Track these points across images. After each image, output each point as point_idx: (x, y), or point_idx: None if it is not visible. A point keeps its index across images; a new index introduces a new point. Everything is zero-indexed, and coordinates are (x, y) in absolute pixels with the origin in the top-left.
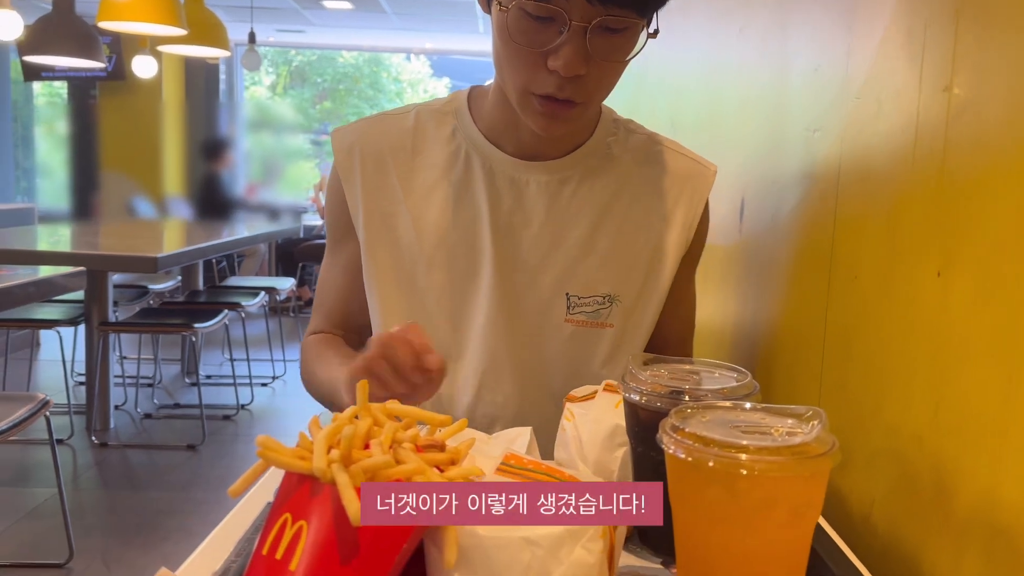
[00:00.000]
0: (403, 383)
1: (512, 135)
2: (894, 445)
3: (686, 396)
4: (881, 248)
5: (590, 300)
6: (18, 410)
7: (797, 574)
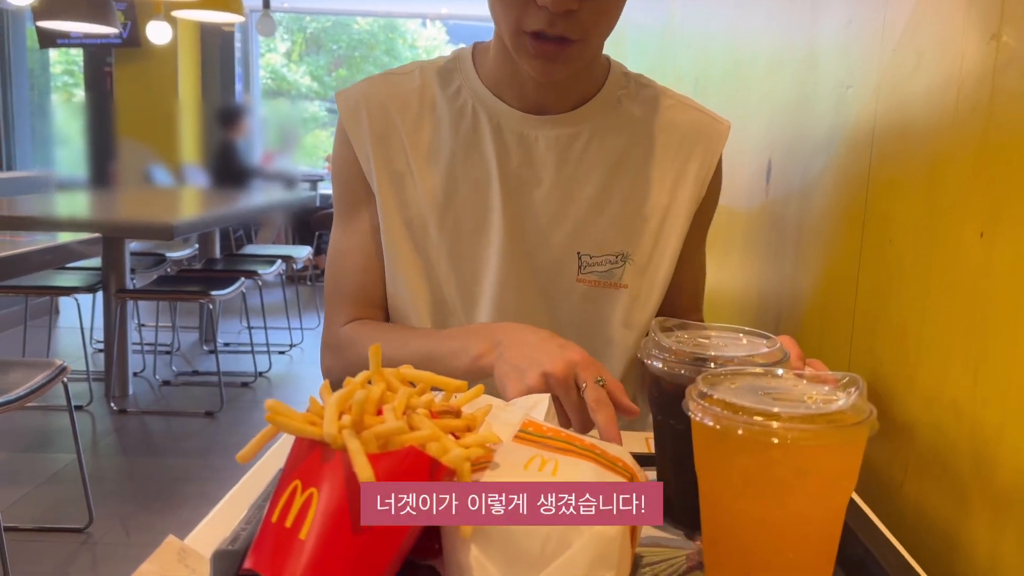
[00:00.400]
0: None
1: (516, 87)
2: (929, 414)
3: (711, 364)
4: (919, 209)
5: (602, 259)
6: (36, 376)
7: (829, 547)
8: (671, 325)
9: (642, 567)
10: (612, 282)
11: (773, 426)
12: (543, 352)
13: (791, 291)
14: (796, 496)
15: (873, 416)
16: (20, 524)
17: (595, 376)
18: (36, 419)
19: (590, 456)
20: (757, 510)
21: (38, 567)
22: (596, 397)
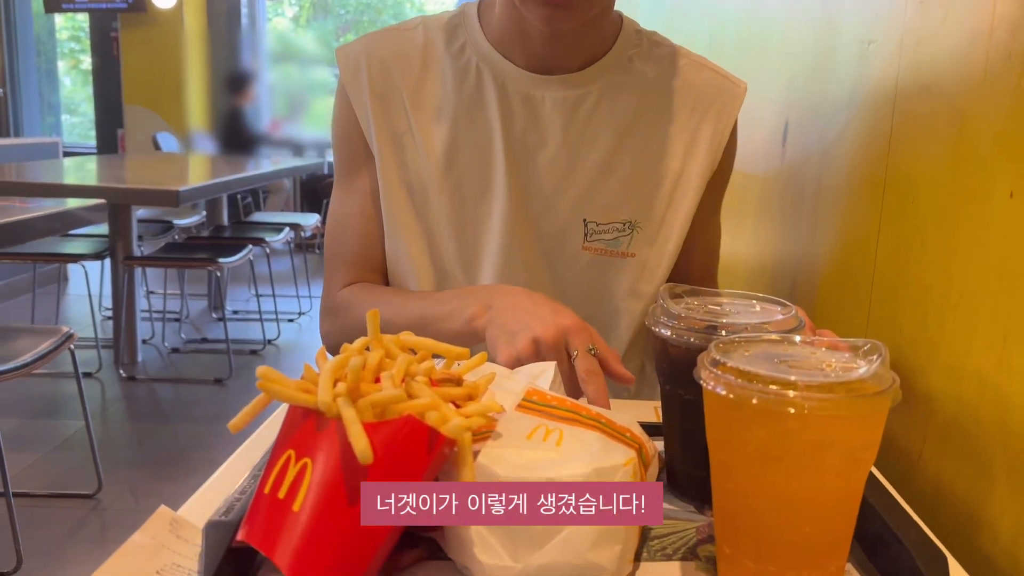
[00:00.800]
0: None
1: (522, 44)
2: (951, 383)
3: (722, 331)
4: (945, 169)
5: (609, 227)
6: (42, 343)
7: (847, 522)
8: (681, 291)
9: (650, 540)
10: (619, 251)
11: (789, 395)
12: (535, 317)
13: (807, 257)
14: (814, 469)
15: (896, 385)
16: (30, 490)
17: (586, 343)
18: (45, 386)
19: (596, 426)
20: (772, 483)
21: (48, 532)
22: (587, 367)
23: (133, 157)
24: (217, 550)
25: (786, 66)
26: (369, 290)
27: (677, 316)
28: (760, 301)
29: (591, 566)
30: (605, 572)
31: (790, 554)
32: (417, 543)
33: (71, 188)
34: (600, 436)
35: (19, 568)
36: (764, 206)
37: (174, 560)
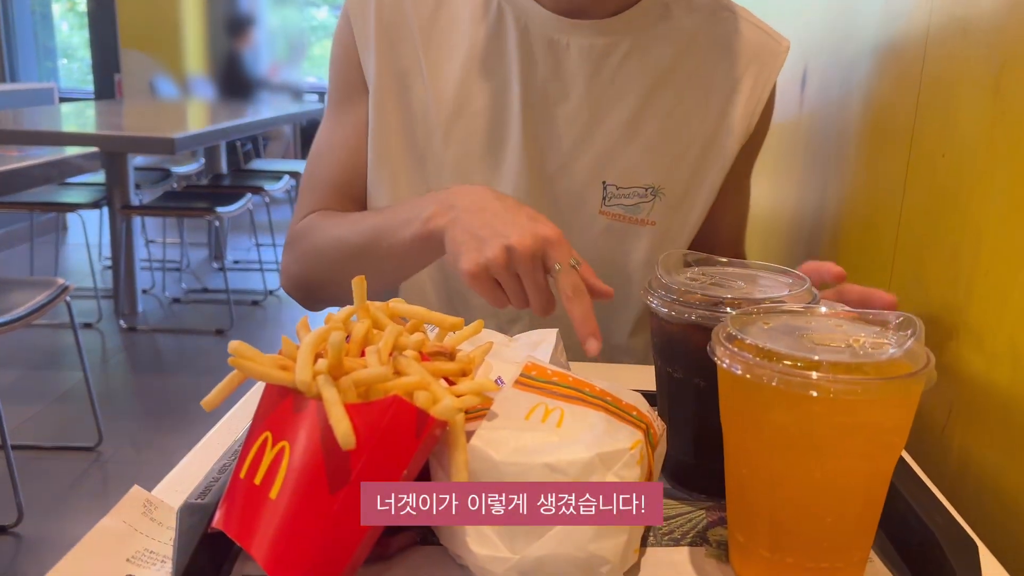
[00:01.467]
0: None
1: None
2: (980, 351)
3: (726, 308)
4: (981, 117)
5: (630, 191)
6: (38, 296)
7: (873, 511)
8: (683, 259)
9: None
10: (638, 218)
11: (813, 377)
12: (510, 223)
13: (826, 212)
14: (839, 455)
15: (931, 365)
16: (30, 442)
17: (569, 257)
18: (45, 337)
19: (601, 405)
20: (792, 470)
21: (49, 485)
22: (573, 283)
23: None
24: (192, 535)
25: (804, 6)
26: (327, 215)
27: (674, 289)
28: (771, 272)
29: (593, 558)
30: (608, 565)
31: (810, 544)
32: (407, 527)
33: (66, 136)
34: (604, 416)
35: (20, 521)
36: (781, 158)
37: (147, 546)
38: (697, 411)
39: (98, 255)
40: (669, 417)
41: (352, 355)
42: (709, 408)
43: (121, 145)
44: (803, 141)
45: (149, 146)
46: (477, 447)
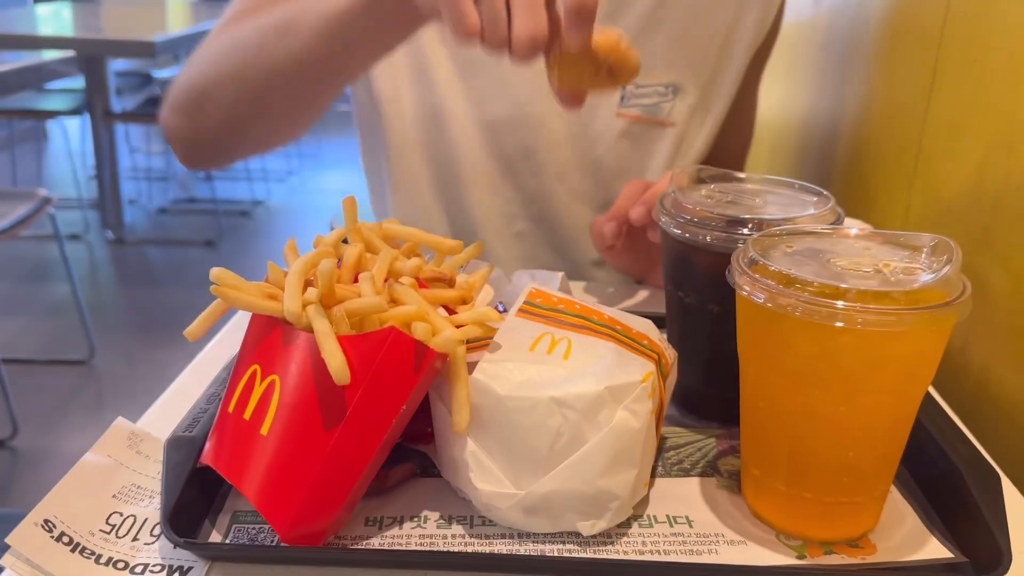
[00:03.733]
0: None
1: None
2: (1006, 272)
3: (744, 229)
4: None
5: (649, 90)
6: (19, 209)
7: (898, 444)
8: (697, 175)
9: (666, 451)
10: (659, 119)
11: (839, 307)
12: None
13: (842, 122)
14: (865, 389)
15: (967, 294)
16: (21, 356)
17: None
18: (32, 249)
19: (610, 334)
20: (815, 404)
21: (41, 399)
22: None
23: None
24: (180, 470)
25: None
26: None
27: (689, 208)
28: (792, 189)
29: (602, 493)
30: (617, 500)
31: (830, 479)
32: (407, 457)
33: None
34: (614, 347)
35: (16, 435)
36: (794, 63)
37: (133, 480)
38: (711, 338)
39: (81, 164)
40: (680, 344)
41: (344, 282)
42: (724, 335)
43: (98, 48)
44: (820, 43)
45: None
46: (480, 380)
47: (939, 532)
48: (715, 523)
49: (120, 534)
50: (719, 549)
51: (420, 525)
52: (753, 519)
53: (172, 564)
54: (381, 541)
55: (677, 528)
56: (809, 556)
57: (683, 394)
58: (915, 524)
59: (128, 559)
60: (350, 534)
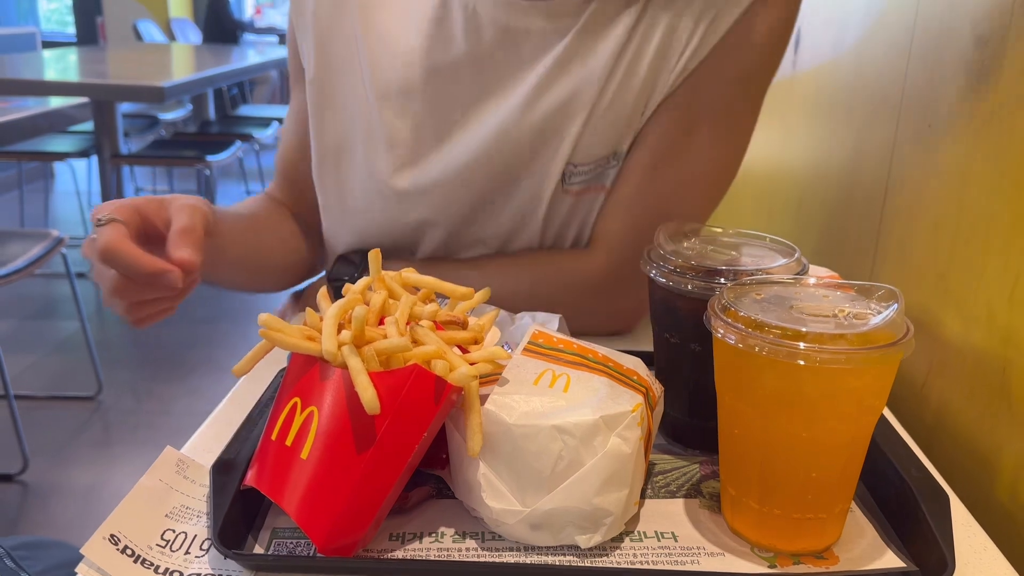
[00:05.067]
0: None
1: None
2: (959, 315)
3: (722, 278)
4: (964, 94)
5: (591, 166)
6: (33, 248)
7: (855, 466)
8: (680, 230)
9: (654, 476)
10: (604, 184)
11: (800, 347)
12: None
13: (814, 176)
14: (824, 417)
15: (910, 336)
16: (30, 392)
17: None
18: (40, 287)
19: (603, 370)
20: (781, 430)
21: (51, 434)
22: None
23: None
24: (225, 492)
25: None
26: (241, 205)
27: (673, 260)
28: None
29: (598, 511)
30: (611, 516)
31: (796, 497)
32: (425, 481)
33: (53, 85)
34: (607, 381)
35: (26, 469)
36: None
37: (183, 503)
38: (693, 374)
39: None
40: (666, 379)
41: (370, 324)
42: (704, 371)
43: (110, 94)
44: (794, 103)
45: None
46: (491, 411)
47: (895, 545)
48: (697, 537)
49: (174, 548)
50: (700, 560)
51: (438, 540)
52: (731, 534)
53: (221, 574)
54: (404, 554)
55: (664, 542)
56: (780, 566)
57: (669, 424)
58: (874, 538)
59: (183, 569)
60: (377, 548)
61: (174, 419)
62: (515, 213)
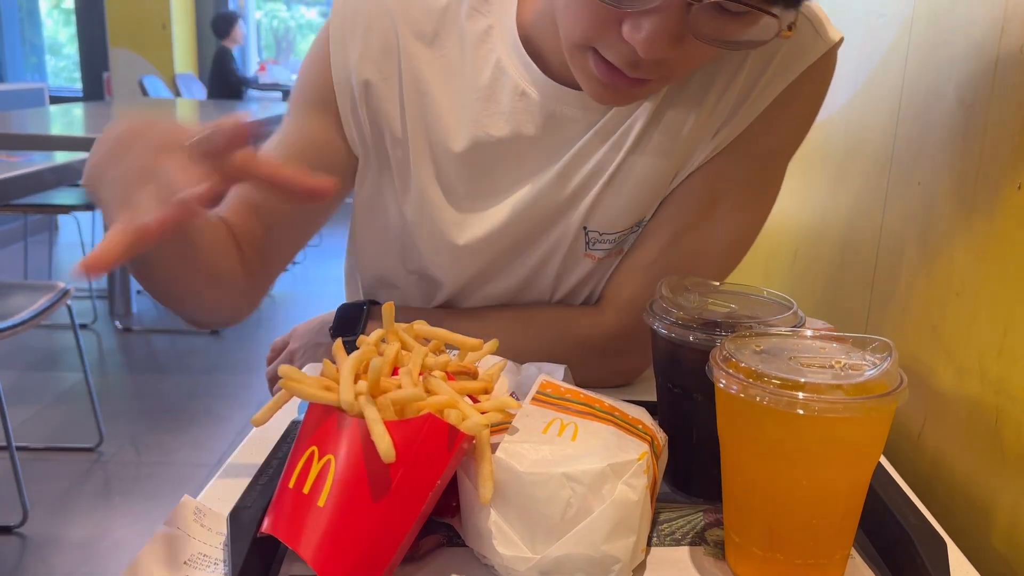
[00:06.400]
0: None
1: (557, 48)
2: (952, 365)
3: (720, 330)
4: (952, 154)
5: (615, 235)
6: (38, 300)
7: (854, 511)
8: (681, 284)
9: (659, 524)
10: (620, 250)
11: (799, 397)
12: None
13: (809, 231)
14: (823, 464)
15: (904, 386)
16: (31, 443)
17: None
18: (41, 338)
19: (610, 420)
20: (782, 477)
21: (51, 486)
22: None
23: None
24: (243, 540)
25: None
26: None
27: (675, 313)
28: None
29: (606, 557)
30: (619, 563)
31: (798, 543)
32: (435, 529)
33: (60, 140)
34: (614, 430)
35: (25, 521)
36: None
37: (200, 550)
38: (696, 422)
39: None
40: (670, 428)
41: (385, 375)
42: (707, 420)
43: None
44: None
45: None
46: (501, 459)
47: None
48: None
49: None
50: None
51: None
52: None
53: None
54: None
55: None
56: None
57: (674, 473)
58: None
59: None
60: None
61: (175, 470)
62: (528, 273)
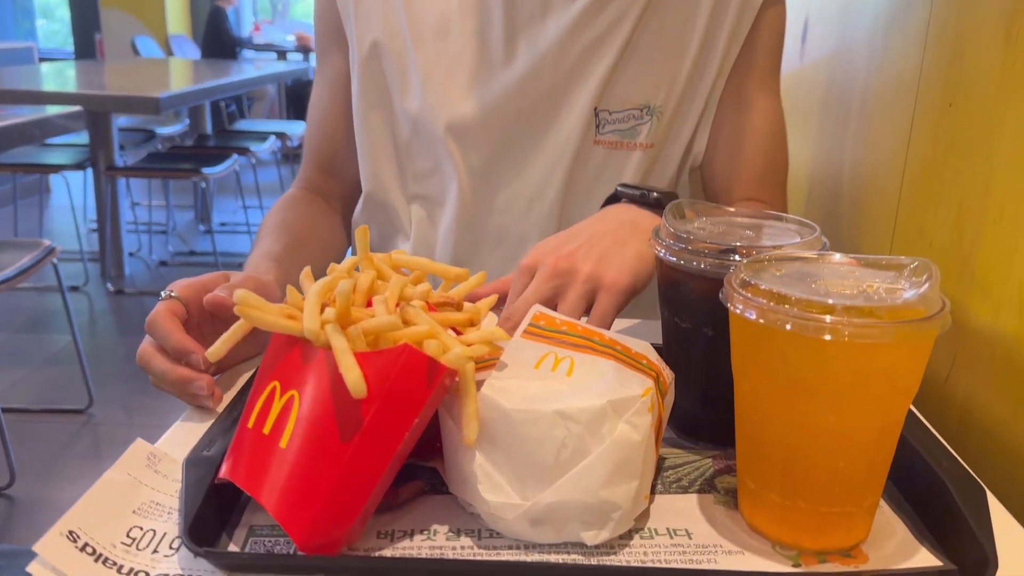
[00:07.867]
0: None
1: None
2: (986, 302)
3: (736, 256)
4: (991, 65)
5: (624, 114)
6: (24, 257)
7: (886, 455)
8: (690, 208)
9: (665, 471)
10: (636, 142)
11: (827, 321)
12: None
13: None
14: (852, 400)
15: (946, 310)
16: (20, 405)
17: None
18: (31, 300)
19: (611, 353)
20: (805, 416)
21: (40, 448)
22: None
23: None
24: (199, 487)
25: None
26: (279, 212)
27: (683, 238)
28: (780, 221)
29: (605, 504)
30: (620, 510)
31: (822, 489)
32: (416, 475)
33: (48, 95)
34: (615, 364)
35: (12, 483)
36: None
37: (152, 498)
38: (705, 361)
39: (83, 217)
40: (676, 368)
41: (358, 305)
42: (718, 358)
43: (105, 104)
44: (803, 93)
45: (134, 105)
46: (487, 396)
47: (928, 542)
48: (713, 535)
49: (140, 547)
50: (717, 559)
51: (430, 538)
52: (749, 531)
53: (191, 575)
54: (392, 552)
55: (677, 540)
56: (804, 565)
57: (680, 417)
58: (905, 535)
59: (148, 570)
60: (363, 546)
61: (165, 433)
62: (543, 165)
